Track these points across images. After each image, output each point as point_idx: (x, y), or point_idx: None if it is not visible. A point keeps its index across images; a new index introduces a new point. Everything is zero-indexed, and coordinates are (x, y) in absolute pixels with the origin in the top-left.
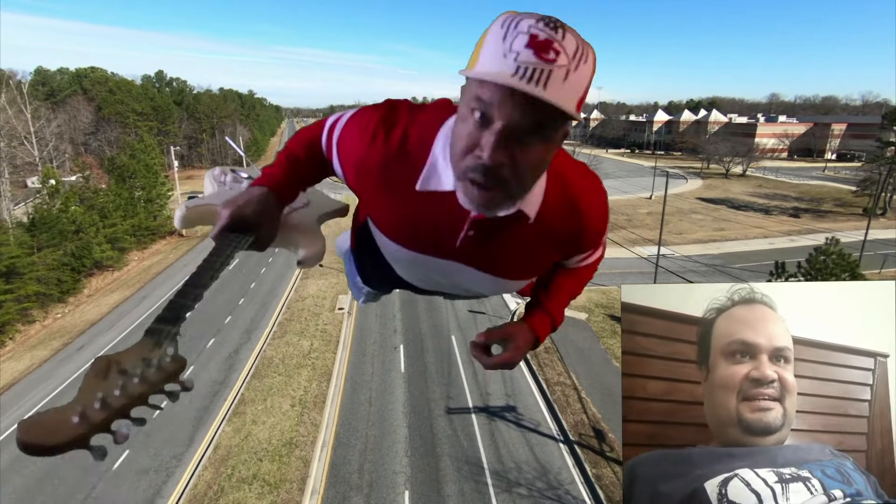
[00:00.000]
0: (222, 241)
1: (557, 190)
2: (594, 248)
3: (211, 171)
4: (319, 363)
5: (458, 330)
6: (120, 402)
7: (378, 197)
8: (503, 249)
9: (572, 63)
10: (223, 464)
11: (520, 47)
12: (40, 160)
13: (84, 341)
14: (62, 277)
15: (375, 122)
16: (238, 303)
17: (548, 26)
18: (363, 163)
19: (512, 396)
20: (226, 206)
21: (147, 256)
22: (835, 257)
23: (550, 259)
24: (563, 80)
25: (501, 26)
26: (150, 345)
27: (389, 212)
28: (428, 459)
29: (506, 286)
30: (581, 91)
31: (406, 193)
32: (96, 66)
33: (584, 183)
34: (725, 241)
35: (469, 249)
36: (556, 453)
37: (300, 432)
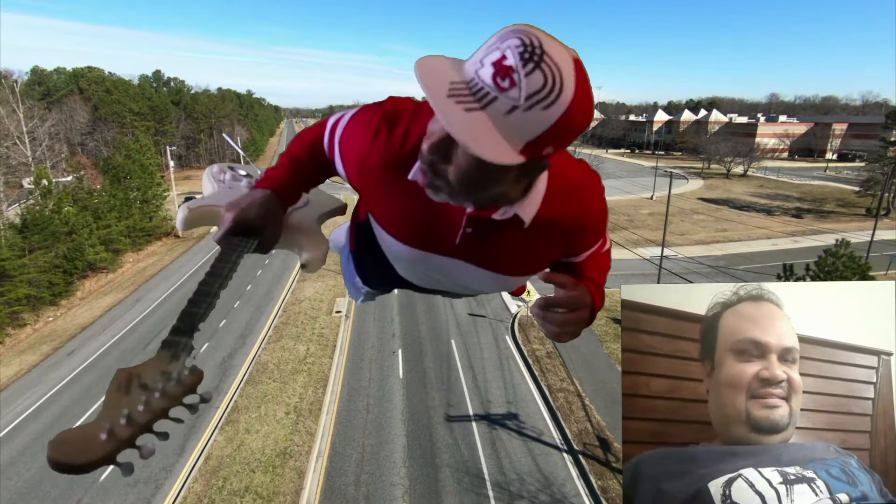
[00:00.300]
0: (228, 246)
1: (557, 190)
2: (597, 244)
3: (209, 169)
4: (315, 369)
5: (458, 333)
6: (145, 417)
7: (380, 194)
8: (503, 247)
9: (525, 101)
10: (214, 475)
11: (488, 63)
12: (33, 160)
13: (75, 345)
14: (54, 280)
15: (378, 120)
16: (233, 306)
17: (522, 55)
18: (365, 160)
19: (513, 403)
20: (229, 210)
21: (142, 258)
22: (845, 259)
23: (551, 256)
24: (504, 113)
25: (499, 37)
26: (168, 357)
27: (391, 208)
28: (427, 470)
29: (506, 283)
30: (528, 134)
31: (408, 190)
32: (93, 66)
33: (584, 182)
34: (728, 241)
35: (469, 246)
36: (560, 464)
37: (295, 441)
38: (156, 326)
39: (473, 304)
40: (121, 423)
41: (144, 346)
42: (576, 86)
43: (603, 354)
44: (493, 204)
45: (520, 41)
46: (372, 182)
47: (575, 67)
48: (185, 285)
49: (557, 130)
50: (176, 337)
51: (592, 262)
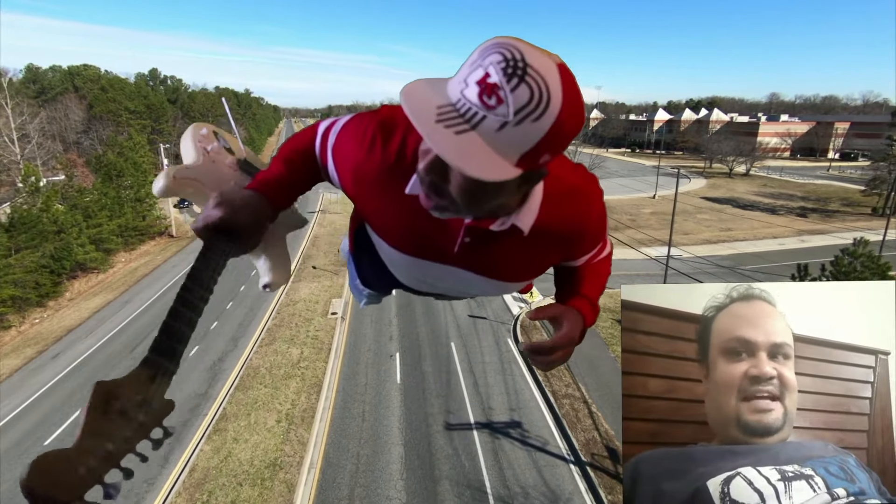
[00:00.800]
0: (208, 251)
1: (555, 196)
2: (597, 248)
3: (195, 130)
4: (309, 373)
5: (458, 336)
6: (121, 452)
7: (377, 205)
8: (502, 255)
9: (514, 116)
10: (199, 489)
11: (472, 82)
12: (22, 158)
13: (60, 349)
14: (40, 280)
15: (373, 129)
16: (226, 307)
17: (505, 70)
18: (361, 170)
19: (516, 410)
20: (219, 205)
21: (134, 258)
22: (864, 259)
23: (551, 261)
24: (495, 130)
25: (480, 53)
26: (147, 378)
27: (389, 218)
28: (425, 483)
29: (507, 288)
30: (522, 147)
31: (405, 201)
32: (89, 64)
33: (582, 187)
34: (734, 241)
35: (467, 255)
36: (567, 476)
37: (285, 452)
38: (144, 329)
39: (474, 305)
40: (99, 457)
41: (132, 350)
42: (563, 92)
43: (609, 358)
44: (491, 216)
45: (501, 56)
46: (368, 193)
47: (560, 73)
48: (176, 286)
49: (550, 139)
50: (158, 357)
51: (591, 271)
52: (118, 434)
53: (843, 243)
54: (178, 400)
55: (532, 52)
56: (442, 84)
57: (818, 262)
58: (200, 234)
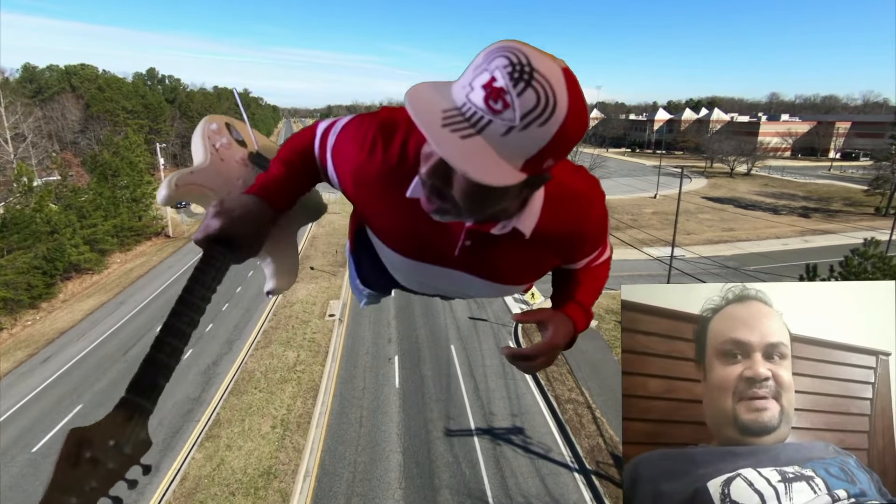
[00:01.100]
0: (205, 265)
1: (556, 199)
2: (598, 251)
3: (206, 124)
4: (306, 377)
5: (458, 338)
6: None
7: (377, 207)
8: (502, 258)
9: (520, 121)
10: (190, 498)
11: (478, 86)
12: (16, 157)
13: (51, 352)
14: (33, 282)
15: (374, 132)
16: (221, 309)
17: (511, 75)
18: (362, 173)
19: (518, 416)
20: (217, 215)
21: (130, 259)
22: (875, 260)
23: (551, 264)
24: (501, 135)
25: (485, 57)
26: (122, 419)
27: (389, 222)
28: (425, 492)
29: (508, 290)
30: (527, 152)
31: (406, 205)
32: (86, 63)
33: (583, 190)
34: (737, 241)
35: (468, 258)
36: (571, 485)
37: (280, 459)
38: (138, 331)
39: (474, 307)
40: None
41: (125, 353)
42: (569, 97)
43: (613, 361)
44: (493, 219)
45: (507, 60)
46: (368, 195)
47: (565, 78)
48: (172, 287)
49: (555, 144)
50: (134, 396)
51: (589, 275)
52: (86, 485)
53: (847, 243)
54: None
55: (538, 57)
56: (446, 88)
57: (824, 263)
58: (200, 245)
